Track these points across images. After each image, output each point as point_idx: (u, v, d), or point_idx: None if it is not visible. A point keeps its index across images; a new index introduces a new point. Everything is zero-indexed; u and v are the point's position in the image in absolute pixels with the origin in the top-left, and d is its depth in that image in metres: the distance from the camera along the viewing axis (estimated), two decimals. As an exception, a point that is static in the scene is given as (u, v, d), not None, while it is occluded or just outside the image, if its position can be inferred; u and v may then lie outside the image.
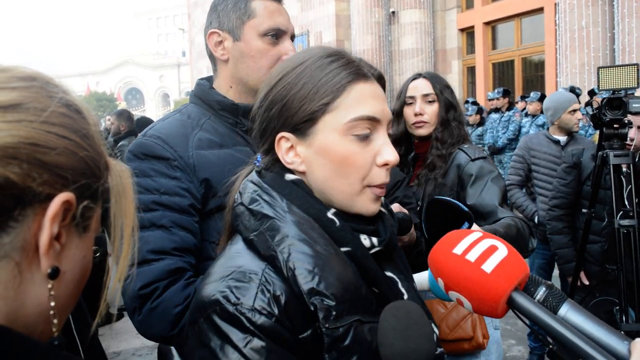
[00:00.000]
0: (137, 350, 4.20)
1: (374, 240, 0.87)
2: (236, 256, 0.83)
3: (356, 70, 0.86)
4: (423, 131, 2.00)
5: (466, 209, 1.15)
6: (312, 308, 0.75)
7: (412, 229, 1.32)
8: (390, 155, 0.85)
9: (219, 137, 1.32)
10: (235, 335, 0.74)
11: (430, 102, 1.99)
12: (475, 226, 1.35)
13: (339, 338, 0.76)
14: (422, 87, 2.01)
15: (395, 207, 1.29)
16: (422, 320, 0.72)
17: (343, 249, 0.83)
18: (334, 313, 0.76)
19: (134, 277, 1.17)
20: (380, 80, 0.91)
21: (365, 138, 0.84)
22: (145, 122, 6.19)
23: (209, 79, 1.47)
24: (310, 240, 0.80)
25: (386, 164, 0.86)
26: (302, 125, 0.86)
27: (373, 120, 0.85)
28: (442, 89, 2.00)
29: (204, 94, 1.39)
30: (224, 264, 0.84)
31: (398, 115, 2.08)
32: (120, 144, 5.47)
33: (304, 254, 0.78)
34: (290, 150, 0.88)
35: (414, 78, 2.06)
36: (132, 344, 4.30)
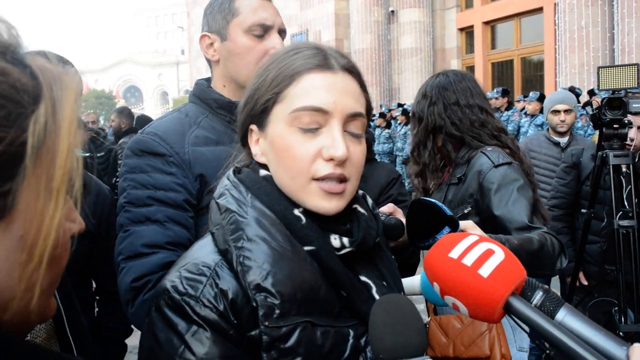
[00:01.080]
0: (134, 349, 4.16)
1: (345, 240, 0.83)
2: (199, 249, 0.84)
3: (315, 61, 0.83)
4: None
5: (449, 212, 1.12)
6: (254, 304, 0.74)
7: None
8: (337, 150, 0.79)
9: (215, 134, 1.34)
10: (180, 324, 0.74)
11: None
12: (477, 229, 1.30)
13: (279, 338, 0.74)
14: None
15: (390, 207, 1.26)
16: (413, 314, 0.70)
17: (306, 248, 0.80)
18: (277, 312, 0.74)
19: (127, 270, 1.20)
20: (352, 72, 0.87)
21: (310, 130, 0.81)
22: (145, 120, 6.24)
23: (208, 79, 1.49)
24: (267, 236, 0.78)
25: (332, 159, 0.80)
26: (260, 116, 0.86)
27: (320, 112, 0.81)
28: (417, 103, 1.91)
29: (202, 93, 1.42)
30: (185, 255, 0.85)
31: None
32: (121, 141, 5.60)
33: (257, 250, 0.77)
34: (257, 143, 0.89)
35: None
36: (129, 341, 4.28)
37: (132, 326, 1.26)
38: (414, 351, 0.66)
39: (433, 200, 1.14)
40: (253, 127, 0.88)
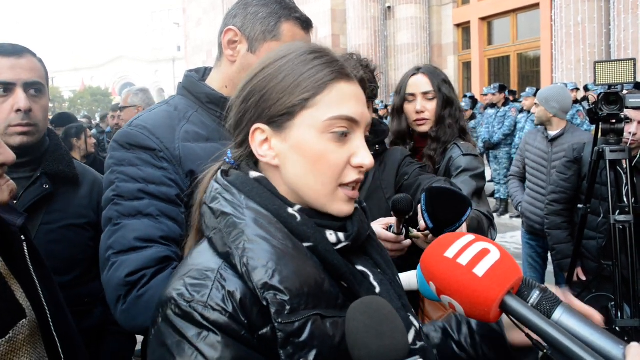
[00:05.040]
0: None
1: (340, 235, 0.86)
2: (197, 255, 0.84)
3: (339, 70, 0.85)
4: (425, 128, 2.03)
5: (463, 192, 1.16)
6: (264, 303, 0.74)
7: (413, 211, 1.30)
8: (366, 158, 0.84)
9: (205, 130, 1.31)
10: (190, 331, 0.74)
11: (430, 99, 2.02)
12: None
13: (293, 333, 0.74)
14: (422, 84, 2.03)
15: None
16: (393, 314, 0.68)
17: (305, 244, 0.82)
18: (288, 307, 0.74)
19: (118, 265, 1.15)
20: (362, 82, 0.91)
21: (342, 138, 0.84)
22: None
23: (198, 71, 1.45)
24: (267, 235, 0.79)
25: (361, 167, 0.85)
26: (279, 118, 0.85)
27: (352, 121, 0.84)
28: (440, 85, 2.01)
29: (193, 86, 1.38)
30: (185, 263, 0.84)
31: (399, 111, 2.09)
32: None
33: (259, 249, 0.77)
34: (264, 143, 0.87)
35: (414, 73, 2.07)
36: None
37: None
38: (401, 353, 0.64)
39: (446, 186, 1.17)
40: (262, 126, 0.86)
